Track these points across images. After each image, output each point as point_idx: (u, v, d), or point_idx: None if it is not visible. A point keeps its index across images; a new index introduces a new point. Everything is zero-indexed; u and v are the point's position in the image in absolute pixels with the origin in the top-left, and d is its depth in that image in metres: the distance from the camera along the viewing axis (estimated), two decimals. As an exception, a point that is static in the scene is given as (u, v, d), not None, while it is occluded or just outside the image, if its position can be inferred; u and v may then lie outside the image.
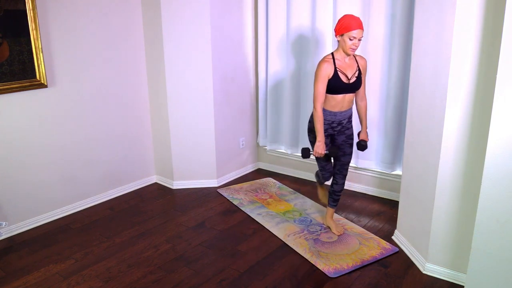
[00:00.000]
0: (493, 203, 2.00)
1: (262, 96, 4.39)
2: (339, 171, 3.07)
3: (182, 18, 3.70)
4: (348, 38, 2.68)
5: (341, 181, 3.08)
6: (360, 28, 2.65)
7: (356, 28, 2.64)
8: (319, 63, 2.80)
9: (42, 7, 3.13)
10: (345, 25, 2.66)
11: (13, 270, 2.77)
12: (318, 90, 2.78)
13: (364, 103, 3.00)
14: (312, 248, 2.96)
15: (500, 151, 1.94)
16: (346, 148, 3.03)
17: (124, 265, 2.81)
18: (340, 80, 2.77)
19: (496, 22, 2.08)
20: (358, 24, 2.65)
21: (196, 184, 4.13)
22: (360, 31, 2.66)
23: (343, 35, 2.70)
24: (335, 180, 3.09)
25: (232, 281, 2.63)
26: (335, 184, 3.10)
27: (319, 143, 2.84)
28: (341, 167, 3.06)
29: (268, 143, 4.46)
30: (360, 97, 2.98)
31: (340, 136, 3.01)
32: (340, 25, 2.69)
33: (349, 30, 2.65)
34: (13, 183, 3.19)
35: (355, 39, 2.67)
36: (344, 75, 2.79)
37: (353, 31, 2.65)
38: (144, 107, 4.06)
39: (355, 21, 2.65)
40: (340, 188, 3.09)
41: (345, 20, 2.68)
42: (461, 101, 2.30)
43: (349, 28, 2.65)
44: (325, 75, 2.76)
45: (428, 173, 2.58)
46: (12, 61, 3.02)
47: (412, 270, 2.70)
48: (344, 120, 2.94)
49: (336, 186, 3.09)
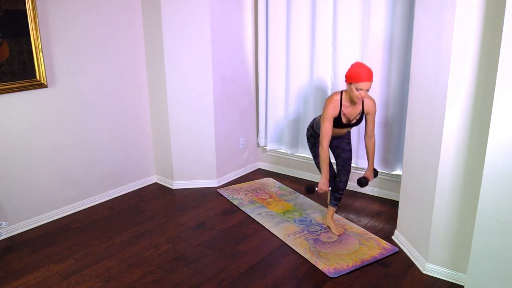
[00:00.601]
0: (493, 203, 2.00)
1: (262, 96, 4.39)
2: (342, 166, 3.10)
3: (182, 18, 3.70)
4: (355, 88, 2.70)
5: (344, 178, 3.09)
6: (368, 80, 2.68)
7: (364, 81, 2.67)
8: (327, 102, 2.87)
9: (42, 7, 3.13)
10: (354, 75, 2.69)
11: (13, 270, 2.77)
12: (325, 129, 2.87)
13: (372, 142, 3.04)
14: (312, 248, 2.96)
15: (500, 151, 1.94)
16: (344, 145, 3.10)
17: (124, 265, 2.81)
18: (341, 121, 2.90)
19: (496, 22, 2.08)
20: (367, 76, 2.67)
21: (196, 184, 4.13)
22: (368, 84, 2.68)
23: (351, 84, 2.72)
24: (339, 178, 3.11)
25: (232, 281, 2.63)
26: (338, 181, 3.11)
27: (324, 181, 2.93)
28: (343, 162, 3.10)
29: (268, 143, 4.45)
30: (368, 136, 3.03)
31: (336, 139, 3.12)
32: (350, 74, 2.73)
33: (357, 81, 2.68)
34: (13, 183, 3.19)
35: (362, 90, 2.69)
36: (346, 117, 2.90)
37: (361, 83, 2.67)
38: (144, 107, 4.06)
39: (365, 73, 2.67)
40: (343, 186, 3.10)
41: (355, 69, 2.71)
42: (461, 101, 2.30)
43: (357, 79, 2.68)
44: (331, 116, 2.86)
45: (428, 173, 2.58)
46: (12, 61, 3.02)
47: (412, 270, 2.70)
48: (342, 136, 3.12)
49: (340, 184, 3.10)
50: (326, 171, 2.93)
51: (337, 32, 3.67)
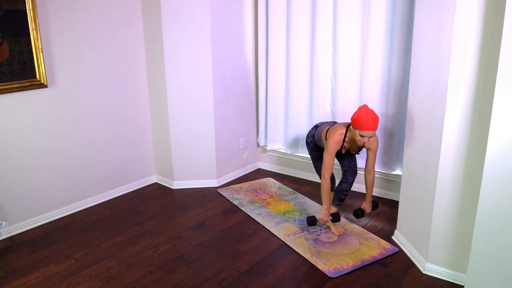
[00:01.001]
0: (493, 203, 2.00)
1: (262, 96, 4.39)
2: (348, 167, 3.13)
3: (182, 18, 3.70)
4: (359, 134, 2.75)
5: (351, 179, 3.14)
6: (373, 129, 2.71)
7: (368, 129, 2.71)
8: (331, 136, 2.91)
9: (42, 7, 3.13)
10: (360, 122, 2.73)
11: (13, 270, 2.77)
12: (328, 163, 2.94)
13: (371, 176, 3.06)
14: (312, 248, 2.96)
15: (500, 151, 1.94)
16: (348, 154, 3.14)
17: (124, 265, 2.81)
18: (341, 152, 3.00)
19: (496, 22, 2.08)
20: (372, 125, 2.70)
21: (196, 184, 4.13)
22: (372, 132, 2.72)
23: (356, 129, 2.77)
24: (345, 178, 3.14)
25: (232, 281, 2.63)
26: (344, 182, 3.14)
27: (326, 212, 3.01)
28: (349, 163, 3.13)
29: (268, 143, 4.45)
30: (368, 170, 3.05)
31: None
32: (356, 119, 2.76)
33: (362, 129, 2.73)
34: (13, 183, 3.19)
35: (365, 137, 2.74)
36: (346, 149, 2.99)
37: (366, 131, 2.72)
38: (144, 107, 4.06)
39: (371, 122, 2.70)
40: (348, 187, 3.14)
41: (360, 116, 2.73)
42: (461, 101, 2.30)
43: (362, 127, 2.72)
44: (334, 151, 2.93)
45: (428, 173, 2.58)
46: (12, 61, 3.02)
47: (412, 270, 2.70)
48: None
49: (345, 184, 3.14)
50: (327, 201, 3.01)
51: (337, 32, 3.67)
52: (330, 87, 3.89)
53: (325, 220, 3.02)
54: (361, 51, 3.59)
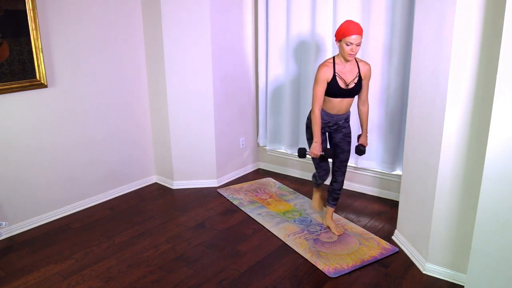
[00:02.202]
0: (493, 203, 2.00)
1: (262, 96, 4.39)
2: (338, 168, 3.07)
3: (182, 18, 3.70)
4: (345, 43, 2.67)
5: (340, 179, 3.08)
6: (358, 34, 2.64)
7: (353, 34, 2.63)
8: (319, 66, 2.82)
9: (42, 7, 3.13)
10: (343, 31, 2.66)
11: (13, 270, 2.77)
12: (317, 93, 2.81)
13: (365, 108, 3.00)
14: (312, 248, 2.96)
15: (500, 151, 1.94)
16: (344, 145, 3.05)
17: (124, 265, 2.81)
18: (338, 85, 2.79)
19: (496, 22, 2.08)
20: (356, 30, 2.63)
21: (196, 184, 4.13)
22: (358, 37, 2.64)
23: (341, 41, 2.69)
24: (335, 178, 3.10)
25: (232, 281, 2.63)
26: (334, 182, 3.10)
27: (316, 144, 2.89)
28: (340, 164, 3.07)
29: (268, 143, 4.46)
30: (362, 102, 2.99)
31: (338, 134, 3.04)
32: (339, 31, 2.69)
33: (346, 36, 2.64)
34: (13, 183, 3.19)
35: (352, 45, 2.66)
36: (343, 80, 2.80)
37: (350, 36, 2.63)
38: (144, 107, 4.06)
39: (353, 27, 2.64)
40: (339, 187, 3.10)
41: (343, 25, 2.68)
42: (461, 101, 2.30)
43: (346, 33, 2.64)
44: (324, 79, 2.78)
45: (428, 173, 2.58)
46: (12, 61, 3.02)
47: (412, 270, 2.70)
48: (340, 121, 2.99)
49: (336, 184, 3.10)
50: (318, 134, 2.87)
51: (337, 32, 3.68)
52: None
53: (315, 154, 2.90)
54: (361, 51, 3.59)
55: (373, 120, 3.64)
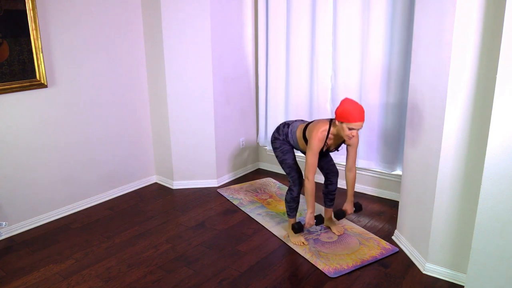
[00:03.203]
0: (493, 203, 2.00)
1: (262, 96, 4.39)
2: (329, 169, 3.09)
3: (182, 18, 3.70)
4: (347, 127, 2.59)
5: (334, 180, 3.10)
6: (362, 120, 2.57)
7: (357, 121, 2.55)
8: (314, 134, 2.74)
9: (42, 7, 3.13)
10: (346, 115, 2.57)
11: (13, 270, 2.77)
12: (312, 162, 2.77)
13: (352, 174, 2.93)
14: (312, 248, 2.96)
15: (500, 151, 1.94)
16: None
17: (124, 265, 2.81)
18: (321, 150, 2.81)
19: (496, 22, 2.08)
20: (360, 116, 2.56)
21: (196, 184, 4.13)
22: (361, 124, 2.58)
23: (343, 123, 2.61)
24: (330, 180, 3.11)
25: (232, 281, 2.63)
26: (330, 184, 3.12)
27: (311, 215, 2.86)
28: (327, 165, 3.08)
29: (268, 143, 4.45)
30: (348, 168, 2.93)
31: None
32: (341, 113, 2.60)
33: (349, 121, 2.57)
34: (13, 183, 3.19)
35: (354, 130, 2.59)
36: (327, 147, 2.85)
37: (354, 123, 2.56)
38: (144, 107, 4.06)
39: (358, 113, 2.56)
40: (334, 188, 3.12)
41: (347, 108, 2.58)
42: (461, 101, 2.30)
43: (350, 119, 2.56)
44: (318, 149, 2.76)
45: (428, 173, 2.58)
46: (12, 61, 3.02)
47: (412, 270, 2.70)
48: None
49: (331, 186, 3.12)
50: (312, 205, 2.85)
51: (337, 32, 3.68)
52: (330, 87, 3.89)
53: (311, 224, 2.87)
54: (361, 51, 3.59)
55: (373, 120, 3.64)
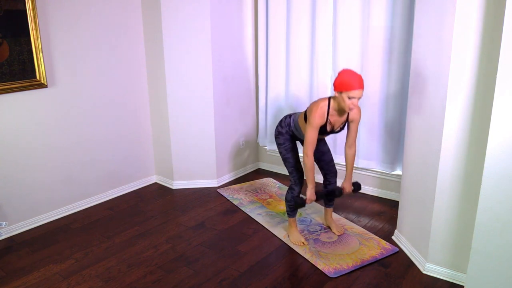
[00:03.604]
0: (493, 203, 2.00)
1: (262, 96, 4.39)
2: (328, 170, 3.08)
3: (182, 18, 3.70)
4: (347, 97, 2.54)
5: (333, 180, 3.10)
6: (361, 88, 2.52)
7: (357, 88, 2.50)
8: (314, 109, 2.70)
9: (42, 7, 3.13)
10: (345, 83, 2.52)
11: (13, 270, 2.77)
12: (311, 138, 2.72)
13: (352, 151, 2.90)
14: (312, 248, 2.96)
15: (500, 151, 1.94)
16: (322, 147, 3.03)
17: (124, 265, 2.81)
18: (325, 129, 2.76)
19: (496, 22, 2.08)
20: (359, 84, 2.51)
21: (196, 184, 4.13)
22: (360, 91, 2.53)
23: (342, 93, 2.56)
24: (328, 181, 3.11)
25: (232, 281, 2.63)
26: (328, 184, 3.12)
27: (312, 191, 2.81)
28: (327, 165, 3.07)
29: (268, 143, 4.45)
30: (348, 145, 2.89)
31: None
32: (340, 82, 2.56)
33: (349, 90, 2.51)
34: (13, 183, 3.19)
35: (354, 98, 2.54)
36: (331, 125, 2.77)
37: (353, 91, 2.51)
38: (144, 107, 4.06)
39: (357, 80, 2.51)
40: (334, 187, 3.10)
41: (345, 77, 2.54)
42: (461, 101, 2.30)
43: (349, 87, 2.51)
44: (317, 126, 2.70)
45: (428, 173, 2.58)
46: (12, 61, 3.02)
47: (412, 270, 2.70)
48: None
49: (330, 186, 3.11)
50: (312, 180, 2.81)
51: (337, 32, 3.67)
52: (330, 87, 3.89)
53: (312, 200, 2.81)
54: (361, 51, 3.59)
55: (373, 120, 3.64)
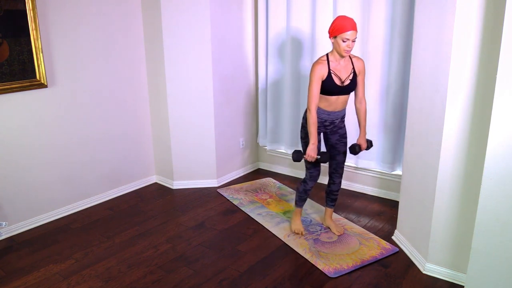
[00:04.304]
0: (493, 203, 2.00)
1: (262, 96, 4.39)
2: (335, 170, 3.07)
3: (182, 18, 3.70)
4: (341, 40, 2.62)
5: (338, 180, 3.08)
6: (353, 29, 2.60)
7: (349, 30, 2.59)
8: (313, 64, 2.76)
9: (42, 7, 3.13)
10: (338, 26, 2.61)
11: (13, 270, 2.77)
12: (312, 91, 2.74)
13: (363, 106, 2.93)
14: (312, 248, 2.96)
15: (500, 151, 1.94)
16: (340, 147, 3.02)
17: (124, 265, 2.81)
18: (334, 82, 2.75)
19: (496, 22, 2.08)
20: (351, 25, 2.60)
21: (196, 184, 4.13)
22: (353, 33, 2.61)
23: (336, 37, 2.64)
24: (332, 180, 3.10)
25: (232, 281, 2.63)
26: (332, 184, 3.10)
27: (313, 146, 2.80)
28: (336, 165, 3.06)
29: (268, 143, 4.45)
30: (358, 100, 2.92)
31: (334, 136, 3.00)
32: (333, 27, 2.65)
33: (342, 32, 2.60)
34: (13, 183, 3.19)
35: (348, 40, 2.61)
36: (338, 77, 2.76)
37: (346, 32, 2.59)
38: (144, 106, 4.06)
39: (348, 22, 2.59)
40: (337, 188, 3.10)
41: (338, 21, 2.63)
42: (461, 101, 2.30)
43: (342, 29, 2.60)
44: (318, 77, 2.73)
45: (428, 173, 2.58)
46: (12, 61, 3.02)
47: (412, 270, 2.70)
48: (336, 120, 2.93)
49: (334, 186, 3.10)
50: (315, 135, 2.78)
51: (337, 32, 3.67)
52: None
53: (312, 156, 2.79)
54: (361, 51, 3.59)
55: (373, 120, 3.64)
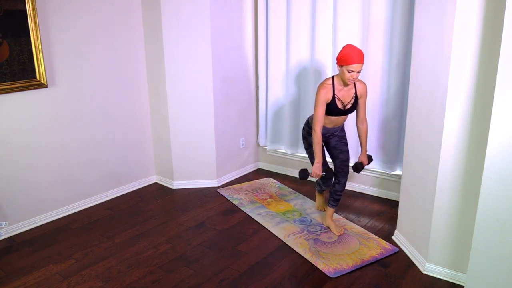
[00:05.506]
0: (493, 202, 2.00)
1: (262, 96, 4.39)
2: (340, 169, 3.09)
3: (182, 18, 3.70)
4: (347, 70, 2.73)
5: (343, 180, 3.10)
6: (360, 62, 2.70)
7: (356, 63, 2.69)
8: (319, 88, 2.87)
9: (42, 7, 3.13)
10: (346, 57, 2.71)
11: (13, 270, 2.77)
12: (318, 114, 2.87)
13: (364, 126, 3.06)
14: (312, 248, 2.96)
15: (500, 151, 1.94)
16: (342, 146, 3.12)
17: (124, 265, 2.81)
18: (336, 106, 2.89)
19: (496, 22, 2.08)
20: (358, 58, 2.69)
21: (196, 184, 4.13)
22: (359, 65, 2.71)
23: (343, 67, 2.75)
24: (337, 180, 3.11)
25: (232, 281, 2.63)
26: (337, 183, 3.11)
27: (318, 165, 2.93)
28: (341, 164, 3.09)
29: (268, 143, 4.46)
30: (360, 120, 3.04)
31: (333, 138, 3.13)
32: (341, 56, 2.74)
33: (348, 64, 2.70)
34: (13, 183, 3.19)
35: (353, 72, 2.72)
36: (341, 102, 2.90)
37: (352, 65, 2.69)
38: (144, 107, 4.06)
39: (356, 55, 2.69)
40: (341, 188, 3.10)
41: (346, 51, 2.72)
42: (461, 101, 2.30)
43: (349, 61, 2.70)
44: (323, 101, 2.86)
45: (428, 173, 2.58)
46: (12, 61, 3.02)
47: (412, 270, 2.70)
48: (336, 132, 3.11)
49: (338, 185, 3.11)
50: (319, 155, 2.92)
51: (337, 32, 3.67)
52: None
53: (317, 174, 2.93)
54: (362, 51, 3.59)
55: (373, 120, 3.64)
